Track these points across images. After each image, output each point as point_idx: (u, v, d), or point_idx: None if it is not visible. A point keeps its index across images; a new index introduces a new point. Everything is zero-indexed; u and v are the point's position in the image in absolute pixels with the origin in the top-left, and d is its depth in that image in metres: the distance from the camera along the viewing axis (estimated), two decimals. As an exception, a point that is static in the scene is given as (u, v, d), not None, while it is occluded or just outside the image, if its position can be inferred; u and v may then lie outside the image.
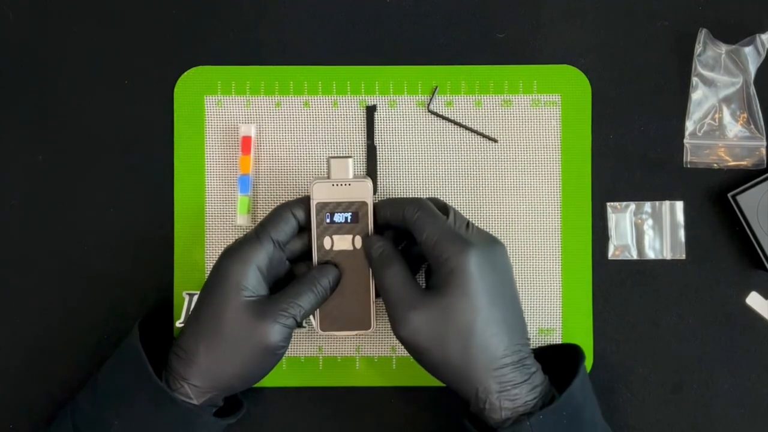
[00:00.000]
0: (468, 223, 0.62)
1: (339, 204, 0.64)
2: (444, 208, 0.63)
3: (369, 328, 0.65)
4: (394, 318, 0.60)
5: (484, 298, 0.59)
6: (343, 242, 0.64)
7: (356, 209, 0.64)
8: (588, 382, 0.62)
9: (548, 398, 0.60)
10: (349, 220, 0.64)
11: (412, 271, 0.63)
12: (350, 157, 0.65)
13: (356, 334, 0.69)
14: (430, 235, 0.61)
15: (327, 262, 0.64)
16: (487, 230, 0.70)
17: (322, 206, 0.64)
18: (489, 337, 0.58)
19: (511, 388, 0.58)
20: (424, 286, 0.62)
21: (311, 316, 0.66)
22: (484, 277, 0.59)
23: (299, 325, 0.62)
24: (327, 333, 0.65)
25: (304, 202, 0.64)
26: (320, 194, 0.64)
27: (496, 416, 0.59)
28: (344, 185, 0.64)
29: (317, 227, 0.64)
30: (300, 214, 0.64)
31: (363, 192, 0.64)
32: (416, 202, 0.63)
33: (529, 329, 0.69)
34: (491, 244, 0.61)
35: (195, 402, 0.61)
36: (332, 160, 0.65)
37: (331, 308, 0.65)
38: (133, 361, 0.61)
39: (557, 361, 0.64)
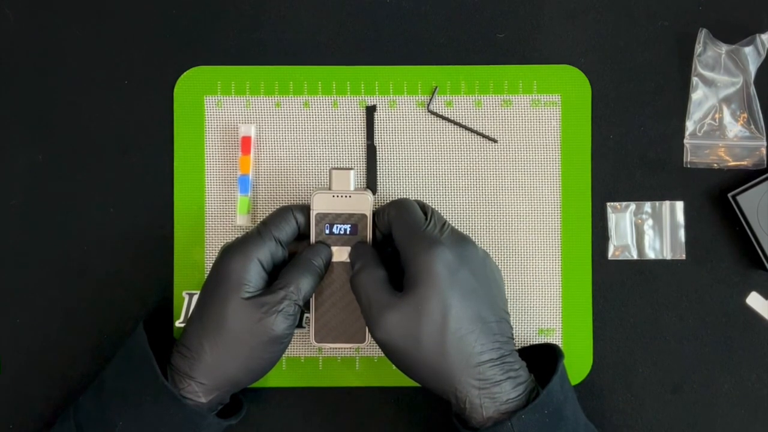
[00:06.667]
0: (444, 224, 0.62)
1: (339, 215, 0.64)
2: (423, 209, 0.63)
3: (364, 341, 0.65)
4: (368, 320, 0.60)
5: (455, 296, 0.58)
6: (341, 254, 0.64)
7: (356, 221, 0.64)
8: (567, 380, 0.62)
9: (534, 395, 0.59)
10: (348, 233, 0.64)
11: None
12: (352, 169, 0.65)
13: (351, 347, 0.69)
14: (400, 234, 0.61)
15: (319, 242, 0.64)
16: (487, 231, 0.70)
17: (322, 217, 0.64)
18: (463, 334, 0.58)
19: (491, 386, 0.58)
20: None
21: (307, 326, 0.66)
22: (453, 275, 0.59)
23: (301, 308, 0.62)
24: (321, 345, 0.65)
25: (306, 208, 0.64)
26: (320, 205, 0.64)
27: (477, 416, 0.59)
28: (345, 197, 0.64)
29: (316, 238, 0.64)
30: (301, 218, 0.64)
31: (363, 204, 0.64)
32: (396, 203, 0.63)
33: (529, 329, 0.70)
34: (461, 242, 0.61)
35: (203, 400, 0.61)
36: (334, 172, 0.65)
37: (327, 320, 0.65)
38: (140, 361, 0.61)
39: (536, 361, 0.64)
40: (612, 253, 0.71)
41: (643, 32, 0.71)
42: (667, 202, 0.71)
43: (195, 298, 0.67)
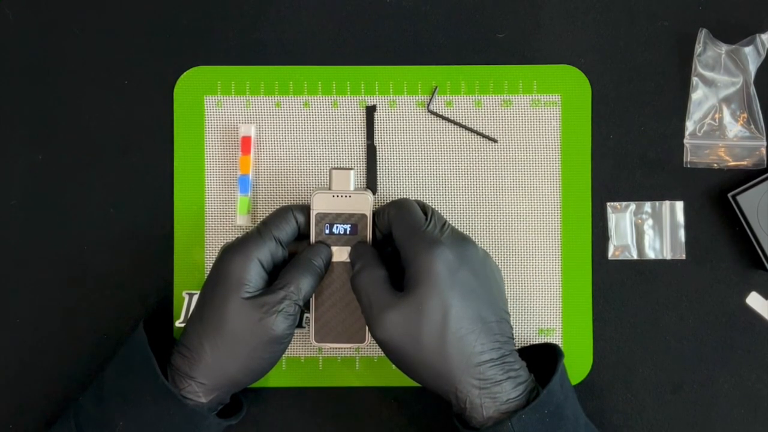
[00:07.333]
0: (444, 224, 0.62)
1: (339, 215, 0.64)
2: (424, 209, 0.63)
3: (364, 341, 0.65)
4: (369, 320, 0.60)
5: (455, 296, 0.58)
6: (341, 254, 0.64)
7: (356, 221, 0.64)
8: (567, 380, 0.62)
9: (534, 395, 0.59)
10: (348, 232, 0.64)
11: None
12: (352, 169, 0.65)
13: (351, 347, 0.69)
14: (401, 234, 0.61)
15: (320, 242, 0.64)
16: (487, 230, 0.70)
17: (322, 217, 0.64)
18: (464, 334, 0.58)
19: (491, 386, 0.58)
20: None
21: (307, 326, 0.66)
22: (454, 275, 0.59)
23: (301, 308, 0.62)
24: (321, 345, 0.65)
25: (306, 208, 0.64)
26: (320, 205, 0.64)
27: (477, 416, 0.59)
28: (345, 197, 0.64)
29: (316, 238, 0.64)
30: (301, 218, 0.64)
31: (363, 204, 0.64)
32: (396, 203, 0.63)
33: (529, 329, 0.70)
34: (461, 242, 0.61)
35: (203, 400, 0.61)
36: (334, 172, 0.65)
37: (327, 320, 0.65)
38: (140, 361, 0.61)
39: (536, 361, 0.64)
40: (612, 253, 0.71)
41: (643, 32, 0.71)
42: (667, 202, 0.71)
43: (195, 298, 0.67)
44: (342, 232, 0.64)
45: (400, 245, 0.61)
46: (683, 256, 0.70)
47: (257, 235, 0.62)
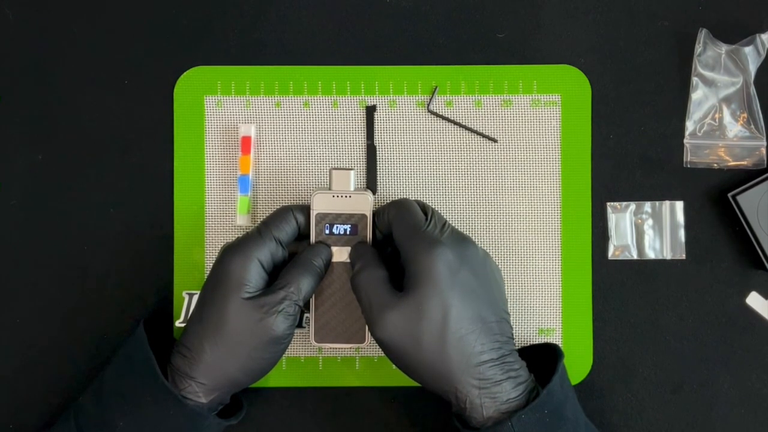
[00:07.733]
0: (444, 224, 0.62)
1: (339, 215, 0.64)
2: (424, 209, 0.63)
3: (364, 341, 0.65)
4: (369, 320, 0.60)
5: (455, 296, 0.58)
6: (341, 254, 0.64)
7: (356, 221, 0.64)
8: (567, 379, 0.62)
9: (534, 395, 0.59)
10: (348, 233, 0.64)
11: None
12: (352, 169, 0.65)
13: (351, 347, 0.69)
14: (401, 234, 0.61)
15: (320, 242, 0.64)
16: (487, 230, 0.70)
17: (322, 217, 0.64)
18: (464, 334, 0.58)
19: (491, 386, 0.58)
20: None
21: (307, 326, 0.66)
22: (454, 275, 0.59)
23: (301, 308, 0.62)
24: (321, 345, 0.65)
25: (306, 208, 0.64)
26: (320, 205, 0.64)
27: (477, 416, 0.59)
28: (345, 197, 0.64)
29: (316, 238, 0.64)
30: (301, 218, 0.64)
31: (363, 204, 0.64)
32: (396, 203, 0.63)
33: (529, 329, 0.70)
34: (461, 242, 0.61)
35: (203, 400, 0.61)
36: (334, 172, 0.65)
37: (327, 320, 0.65)
38: (140, 362, 0.61)
39: (536, 361, 0.64)
40: (612, 253, 0.71)
41: (643, 32, 0.71)
42: (667, 202, 0.71)
43: (195, 298, 0.67)
44: (342, 233, 0.64)
45: (400, 245, 0.61)
46: (683, 256, 0.70)
47: (257, 235, 0.62)
